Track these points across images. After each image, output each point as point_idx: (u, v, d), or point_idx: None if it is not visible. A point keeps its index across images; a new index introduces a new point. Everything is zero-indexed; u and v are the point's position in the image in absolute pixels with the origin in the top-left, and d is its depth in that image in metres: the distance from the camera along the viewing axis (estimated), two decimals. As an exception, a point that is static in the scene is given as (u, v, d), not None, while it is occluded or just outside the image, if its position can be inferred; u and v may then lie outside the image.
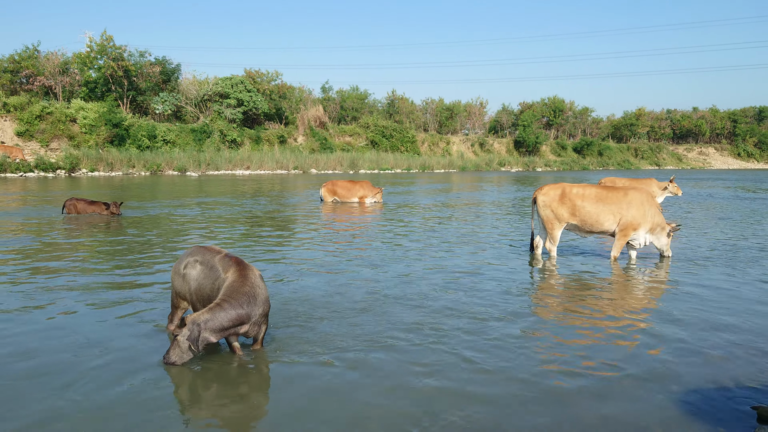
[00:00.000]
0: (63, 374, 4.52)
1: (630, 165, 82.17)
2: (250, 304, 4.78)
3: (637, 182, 17.67)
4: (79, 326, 5.68)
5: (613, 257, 9.22)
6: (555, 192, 9.36)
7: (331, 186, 19.71)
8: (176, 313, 5.55)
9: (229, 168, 46.76)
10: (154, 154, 44.26)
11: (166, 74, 55.15)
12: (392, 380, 4.49)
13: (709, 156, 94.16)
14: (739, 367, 4.82)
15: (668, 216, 16.28)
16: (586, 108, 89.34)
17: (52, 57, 50.20)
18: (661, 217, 9.11)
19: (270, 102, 58.19)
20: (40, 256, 9.25)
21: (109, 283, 7.50)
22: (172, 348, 4.60)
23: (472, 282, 7.73)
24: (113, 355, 4.94)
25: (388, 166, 56.79)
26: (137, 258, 9.18)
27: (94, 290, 7.09)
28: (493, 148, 75.65)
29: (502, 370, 4.70)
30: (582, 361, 4.93)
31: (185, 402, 4.18)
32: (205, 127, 50.78)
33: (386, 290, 7.22)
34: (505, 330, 5.70)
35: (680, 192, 17.81)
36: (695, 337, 5.57)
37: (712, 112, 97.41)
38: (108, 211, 14.99)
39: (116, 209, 15.00)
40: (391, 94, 76.57)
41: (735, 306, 6.68)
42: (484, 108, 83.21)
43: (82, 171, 39.39)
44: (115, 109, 46.16)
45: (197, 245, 5.59)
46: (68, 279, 7.65)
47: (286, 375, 4.59)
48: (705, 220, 15.57)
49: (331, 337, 5.42)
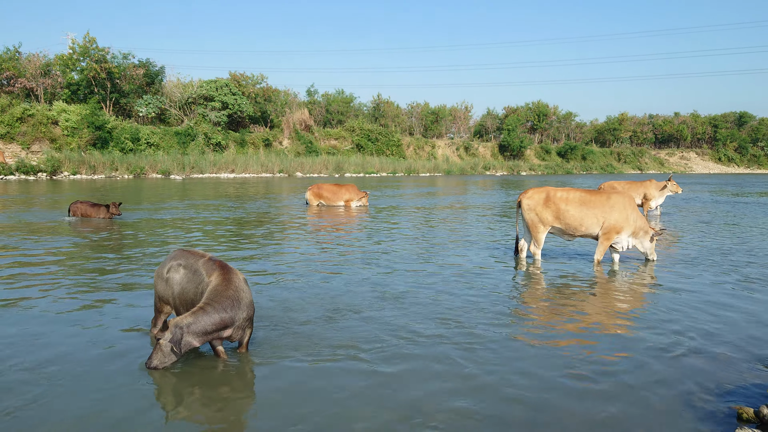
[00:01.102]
0: (41, 381, 4.45)
1: (613, 169, 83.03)
2: (234, 308, 4.74)
3: (637, 185, 17.81)
4: (58, 330, 5.60)
5: (597, 260, 9.30)
6: (539, 196, 9.42)
7: (317, 189, 19.65)
8: (159, 318, 5.49)
9: (213, 171, 46.49)
10: (137, 157, 43.87)
11: (149, 77, 54.74)
12: (377, 383, 4.48)
13: (690, 160, 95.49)
14: (720, 369, 4.87)
15: (666, 220, 16.45)
16: (570, 113, 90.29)
17: (33, 59, 49.63)
18: (644, 221, 9.21)
19: (255, 105, 58.00)
20: (21, 258, 9.11)
21: (91, 285, 7.41)
22: (155, 352, 4.54)
23: (457, 285, 7.74)
24: (94, 359, 4.87)
25: (374, 169, 56.83)
26: (120, 260, 9.07)
27: (75, 293, 6.99)
28: (478, 152, 76.04)
29: (486, 373, 4.70)
30: (564, 364, 4.95)
31: (167, 407, 4.13)
32: (189, 130, 50.46)
33: (370, 293, 7.21)
34: (488, 333, 5.71)
35: (680, 190, 17.98)
36: (676, 339, 5.63)
37: (693, 117, 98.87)
38: (108, 213, 14.59)
39: (116, 210, 14.60)
40: (376, 98, 76.77)
41: (716, 309, 6.76)
42: (469, 112, 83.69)
43: (63, 174, 38.92)
44: (98, 111, 45.69)
45: (180, 249, 5.54)
46: (49, 280, 7.54)
47: (270, 378, 4.56)
48: (688, 224, 15.76)
49: (315, 340, 5.40)
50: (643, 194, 17.58)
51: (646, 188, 17.64)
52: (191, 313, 4.57)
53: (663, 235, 9.23)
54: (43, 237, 11.50)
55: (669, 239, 12.50)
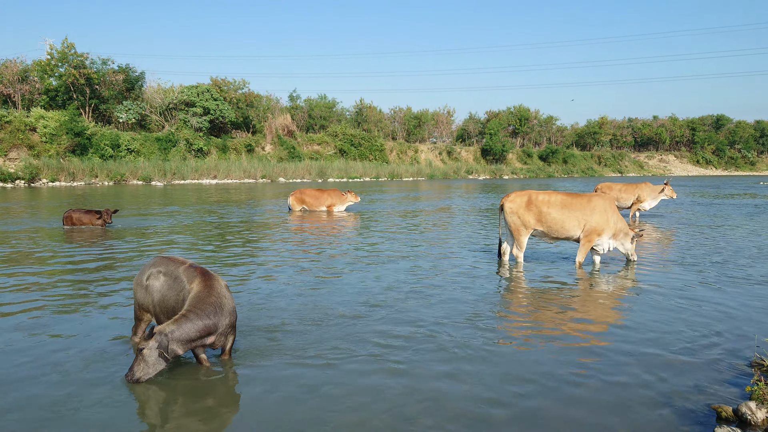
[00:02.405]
0: (17, 391, 4.36)
1: (594, 172, 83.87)
2: (217, 315, 4.70)
3: (632, 186, 17.97)
4: (37, 340, 5.50)
5: (578, 262, 9.37)
6: (521, 199, 9.47)
7: (300, 195, 19.57)
8: (140, 326, 5.42)
9: (195, 177, 46.12)
10: (117, 164, 43.39)
11: (129, 82, 54.22)
12: (363, 389, 4.46)
13: (669, 163, 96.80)
14: (699, 368, 4.93)
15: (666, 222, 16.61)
16: (551, 117, 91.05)
17: (10, 65, 48.90)
18: (624, 223, 9.32)
19: (237, 110, 57.71)
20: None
21: (70, 294, 7.29)
22: (136, 363, 4.42)
23: (440, 289, 7.75)
24: (73, 367, 4.79)
25: (357, 174, 56.80)
26: (99, 268, 8.95)
27: (53, 301, 6.88)
28: (461, 156, 76.37)
29: (464, 377, 4.71)
30: (542, 366, 4.97)
31: (149, 417, 4.07)
32: (170, 135, 50.02)
33: (353, 299, 7.19)
34: (470, 337, 5.73)
35: (675, 195, 18.16)
36: (655, 339, 5.68)
37: (671, 120, 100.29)
38: (100, 221, 14.18)
39: (108, 218, 14.18)
40: (359, 103, 76.78)
41: (695, 308, 6.85)
42: (451, 116, 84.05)
43: (42, 181, 38.35)
44: (77, 117, 45.09)
45: (160, 255, 5.47)
46: (28, 289, 7.41)
47: (254, 385, 4.52)
48: (669, 225, 15.96)
49: (299, 346, 5.37)
50: (637, 195, 17.69)
51: (641, 190, 17.75)
52: (174, 321, 4.51)
53: (643, 236, 9.32)
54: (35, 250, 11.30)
55: (649, 240, 12.64)
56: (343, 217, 18.09)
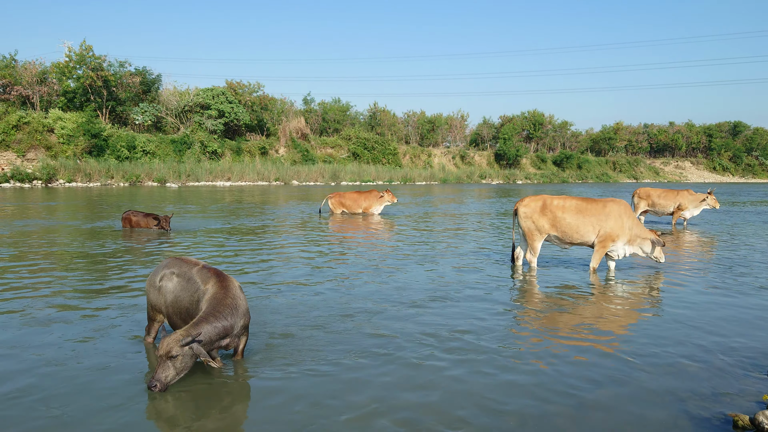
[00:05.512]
0: (33, 393, 4.40)
1: (608, 178, 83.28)
2: (233, 316, 4.72)
3: (673, 193, 17.52)
4: (51, 339, 5.55)
5: (592, 268, 9.29)
6: (536, 203, 9.42)
7: (339, 198, 19.66)
8: (153, 326, 5.45)
9: (209, 179, 46.44)
10: (133, 165, 43.82)
11: (146, 84, 54.79)
12: (373, 392, 4.45)
13: (685, 170, 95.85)
14: (715, 376, 4.86)
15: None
16: (566, 122, 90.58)
17: (29, 66, 49.64)
18: (641, 228, 9.18)
19: (251, 113, 58.06)
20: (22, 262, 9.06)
21: (85, 291, 7.36)
22: (162, 369, 4.28)
23: (453, 294, 7.72)
24: (87, 368, 4.82)
25: (370, 178, 56.87)
26: (112, 268, 9.03)
27: (69, 299, 6.95)
28: (474, 161, 76.21)
29: (477, 384, 4.68)
30: (557, 374, 4.93)
31: (163, 418, 4.08)
32: (185, 138, 50.43)
33: (366, 302, 7.18)
34: (482, 342, 5.69)
35: (718, 205, 17.48)
36: (671, 347, 5.61)
37: (688, 126, 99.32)
38: (158, 226, 13.85)
39: (166, 224, 13.80)
40: (372, 107, 76.91)
41: (712, 316, 6.75)
42: (465, 121, 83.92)
43: (59, 182, 38.83)
44: (94, 119, 45.64)
45: (173, 257, 5.50)
46: (44, 286, 7.48)
47: (266, 387, 4.52)
48: (686, 232, 15.78)
49: (311, 348, 5.36)
50: (678, 204, 17.25)
51: (682, 198, 17.27)
52: (193, 325, 4.50)
53: (665, 243, 9.14)
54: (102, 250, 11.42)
55: (666, 247, 12.50)
56: (371, 219, 18.11)
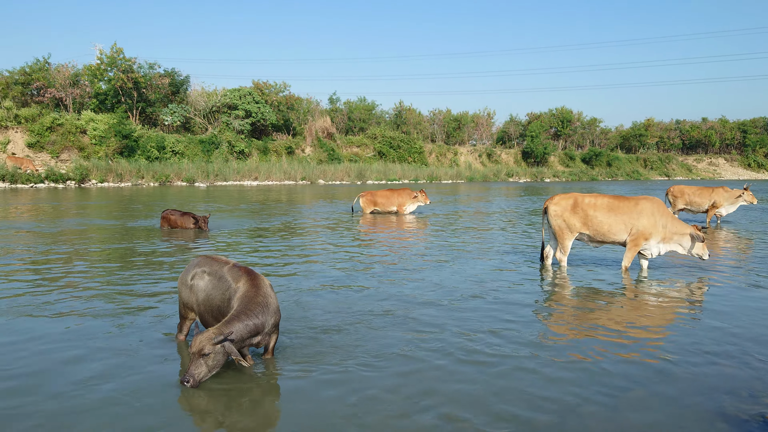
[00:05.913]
0: (52, 385, 4.47)
1: (639, 176, 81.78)
2: (264, 314, 4.74)
3: (708, 191, 17.17)
4: (88, 335, 5.64)
5: (624, 267, 9.10)
6: (567, 202, 9.26)
7: (371, 197, 19.57)
8: (185, 323, 5.51)
9: (237, 179, 46.91)
10: (162, 165, 44.49)
11: (175, 86, 55.56)
12: (421, 386, 4.41)
13: (719, 167, 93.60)
14: (752, 377, 4.72)
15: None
16: (595, 119, 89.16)
17: (62, 69, 50.69)
18: (678, 224, 8.90)
19: (278, 113, 58.44)
20: (54, 264, 9.26)
21: (122, 290, 7.47)
22: (195, 367, 4.34)
23: (482, 293, 7.64)
24: (116, 365, 4.89)
25: (396, 176, 56.80)
26: (145, 266, 9.16)
27: (103, 298, 7.06)
28: (501, 159, 75.59)
29: (511, 381, 4.61)
30: (593, 373, 4.83)
31: (195, 413, 4.11)
32: (213, 138, 51.03)
33: (404, 299, 7.16)
34: (512, 342, 5.61)
35: (755, 201, 17.13)
36: (707, 346, 5.46)
37: (721, 122, 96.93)
38: (195, 226, 13.84)
39: (204, 224, 13.76)
40: (398, 105, 76.79)
41: (748, 315, 6.56)
42: (491, 119, 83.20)
43: (92, 182, 39.63)
44: (125, 120, 46.46)
45: (204, 255, 5.55)
46: (79, 285, 7.62)
47: (296, 386, 4.53)
48: (723, 229, 15.40)
49: (345, 348, 5.35)
50: (713, 201, 16.88)
51: (717, 195, 16.89)
52: (225, 323, 4.53)
53: (704, 239, 8.80)
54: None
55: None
56: (410, 219, 18.06)
